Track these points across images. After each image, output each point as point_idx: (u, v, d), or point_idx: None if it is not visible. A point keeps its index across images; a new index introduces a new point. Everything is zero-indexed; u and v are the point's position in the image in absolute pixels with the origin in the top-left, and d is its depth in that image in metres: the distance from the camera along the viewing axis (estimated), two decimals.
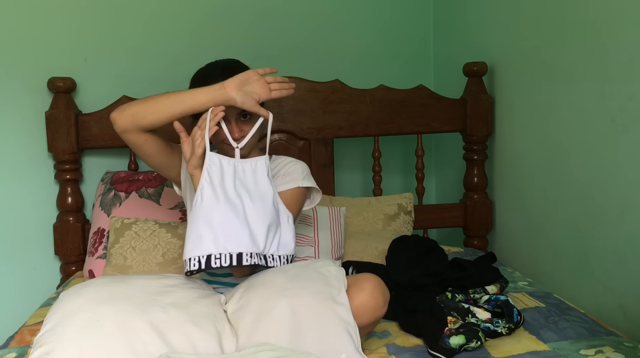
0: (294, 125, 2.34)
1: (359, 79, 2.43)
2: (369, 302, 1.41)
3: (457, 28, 2.59)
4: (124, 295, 1.41)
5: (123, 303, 1.38)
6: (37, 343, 1.33)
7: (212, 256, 1.44)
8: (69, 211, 2.26)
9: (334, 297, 1.39)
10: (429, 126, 2.39)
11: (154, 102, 1.55)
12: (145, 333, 1.32)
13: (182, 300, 1.44)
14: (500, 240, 2.38)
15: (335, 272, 1.47)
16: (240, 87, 1.53)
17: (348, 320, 1.37)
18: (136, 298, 1.41)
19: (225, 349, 1.38)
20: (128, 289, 1.44)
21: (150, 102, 1.55)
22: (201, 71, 1.68)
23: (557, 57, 1.95)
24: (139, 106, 1.55)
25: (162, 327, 1.34)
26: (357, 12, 2.63)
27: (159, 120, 1.54)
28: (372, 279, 1.45)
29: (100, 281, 1.51)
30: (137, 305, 1.38)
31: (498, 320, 1.55)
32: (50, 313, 1.40)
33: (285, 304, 1.38)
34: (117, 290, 1.43)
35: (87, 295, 1.41)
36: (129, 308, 1.37)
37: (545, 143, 2.05)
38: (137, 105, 1.56)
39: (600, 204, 1.79)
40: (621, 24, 1.67)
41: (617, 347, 1.44)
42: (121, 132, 1.57)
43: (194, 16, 2.47)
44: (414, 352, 1.47)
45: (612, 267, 1.75)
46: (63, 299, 1.43)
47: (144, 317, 1.35)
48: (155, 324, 1.34)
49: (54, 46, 2.33)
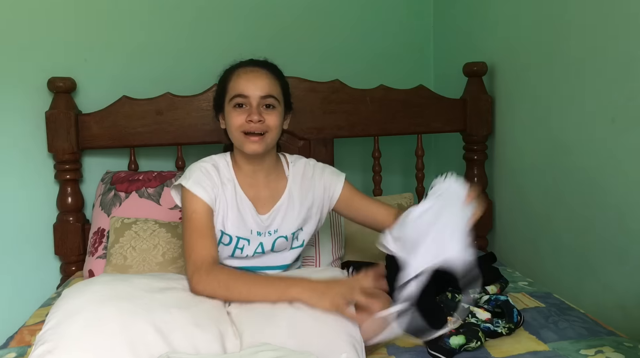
0: (294, 125, 2.31)
1: (359, 79, 2.43)
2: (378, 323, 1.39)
3: (457, 28, 2.59)
4: (127, 294, 1.40)
5: (126, 303, 1.37)
6: (39, 340, 1.32)
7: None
8: (69, 211, 2.26)
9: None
10: (429, 126, 2.39)
11: (233, 292, 1.46)
12: (147, 333, 1.32)
13: (185, 301, 1.44)
14: (500, 240, 2.38)
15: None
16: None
17: (355, 336, 1.36)
18: (139, 298, 1.40)
19: (228, 350, 1.37)
20: (131, 289, 1.43)
21: (229, 290, 1.47)
22: (235, 63, 1.68)
23: (557, 57, 1.95)
24: (217, 292, 1.47)
25: (165, 328, 1.33)
26: (357, 12, 2.63)
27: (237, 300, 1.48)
28: (380, 298, 1.43)
29: (103, 279, 1.50)
30: (139, 305, 1.37)
31: (498, 320, 1.55)
32: (52, 311, 1.39)
33: (291, 312, 1.37)
34: (120, 290, 1.42)
35: (89, 294, 1.40)
36: (132, 308, 1.36)
37: (545, 143, 2.05)
38: (213, 290, 1.47)
39: (601, 203, 1.79)
40: (621, 24, 1.67)
41: (617, 347, 1.44)
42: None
43: (194, 16, 2.47)
44: (413, 352, 1.47)
45: (612, 267, 1.75)
46: (66, 297, 1.42)
47: (146, 318, 1.34)
48: (157, 325, 1.34)
49: (54, 46, 2.33)
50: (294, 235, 1.70)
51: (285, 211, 1.68)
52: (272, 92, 1.61)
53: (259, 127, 1.58)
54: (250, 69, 1.63)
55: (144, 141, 2.27)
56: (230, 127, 1.62)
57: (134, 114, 2.24)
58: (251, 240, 1.65)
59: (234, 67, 1.66)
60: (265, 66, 1.65)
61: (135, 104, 2.25)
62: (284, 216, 1.68)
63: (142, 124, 2.25)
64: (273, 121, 1.60)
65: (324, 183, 1.73)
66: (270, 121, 1.59)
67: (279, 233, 1.68)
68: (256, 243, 1.66)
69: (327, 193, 1.73)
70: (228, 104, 1.62)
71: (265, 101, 1.59)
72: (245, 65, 1.64)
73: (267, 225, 1.66)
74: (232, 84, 1.62)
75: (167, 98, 2.26)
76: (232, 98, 1.60)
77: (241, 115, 1.59)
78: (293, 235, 1.70)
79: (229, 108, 1.61)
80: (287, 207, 1.68)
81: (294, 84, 2.32)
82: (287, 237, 1.69)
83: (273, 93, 1.61)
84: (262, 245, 1.66)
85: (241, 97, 1.59)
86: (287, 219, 1.68)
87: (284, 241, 1.68)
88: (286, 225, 1.68)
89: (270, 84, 1.61)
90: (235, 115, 1.59)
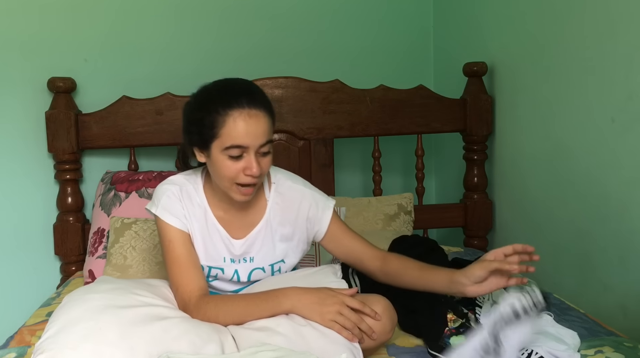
0: (294, 125, 2.34)
1: (359, 79, 2.43)
2: (376, 327, 1.38)
3: (457, 28, 2.59)
4: (127, 303, 1.40)
5: (125, 312, 1.36)
6: (37, 349, 1.32)
7: None
8: (69, 211, 2.26)
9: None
10: (429, 126, 2.39)
11: (230, 317, 1.43)
12: (147, 342, 1.31)
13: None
14: (500, 240, 2.38)
15: (338, 287, 1.46)
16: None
17: (353, 342, 1.35)
18: (138, 306, 1.40)
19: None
20: (131, 297, 1.42)
21: (230, 318, 1.43)
22: (221, 90, 1.48)
23: (557, 57, 1.95)
24: (215, 317, 1.43)
25: (165, 337, 1.33)
26: (357, 12, 2.63)
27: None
28: (381, 302, 1.42)
29: (103, 287, 1.48)
30: (139, 313, 1.37)
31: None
32: (52, 319, 1.39)
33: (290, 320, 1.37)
34: (120, 298, 1.41)
35: (90, 302, 1.40)
36: (132, 317, 1.35)
37: (545, 143, 2.05)
38: (213, 316, 1.43)
39: (601, 204, 1.79)
40: (621, 23, 1.67)
41: (617, 347, 1.44)
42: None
43: (194, 16, 2.47)
44: (413, 352, 1.47)
45: (612, 267, 1.75)
46: (66, 306, 1.41)
47: (146, 327, 1.34)
48: (157, 333, 1.33)
49: (54, 46, 2.33)
50: (273, 268, 1.59)
51: (263, 239, 1.56)
52: (270, 136, 1.44)
53: (255, 180, 1.44)
54: (248, 112, 1.40)
55: (143, 141, 2.27)
56: (220, 176, 1.45)
57: (134, 114, 2.24)
58: (225, 268, 1.57)
59: (225, 106, 1.41)
60: (263, 104, 1.44)
61: (135, 104, 2.25)
62: (262, 245, 1.56)
63: (142, 124, 2.25)
64: (268, 165, 1.47)
65: (307, 216, 1.57)
66: (265, 166, 1.45)
67: (255, 263, 1.57)
68: (231, 270, 1.57)
69: (311, 227, 1.58)
70: (219, 151, 1.42)
71: (263, 148, 1.43)
72: (241, 105, 1.40)
73: (242, 252, 1.56)
74: (227, 131, 1.39)
75: (167, 98, 2.26)
76: (228, 148, 1.40)
77: (237, 165, 1.42)
78: (272, 268, 1.59)
79: (220, 156, 1.42)
80: (265, 235, 1.56)
81: (294, 84, 2.34)
82: (264, 269, 1.58)
83: (270, 137, 1.44)
84: (237, 273, 1.57)
85: (239, 148, 1.40)
86: (265, 249, 1.57)
87: (261, 273, 1.58)
88: (263, 256, 1.57)
89: (269, 128, 1.44)
90: (230, 165, 1.42)
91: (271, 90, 2.27)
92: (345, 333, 1.34)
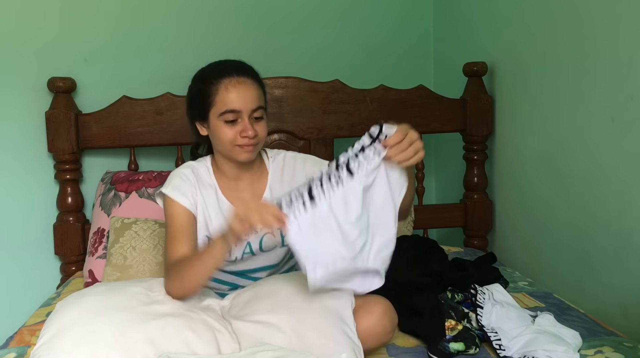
0: (294, 125, 2.34)
1: (359, 79, 2.43)
2: (376, 327, 1.40)
3: (457, 28, 2.59)
4: (121, 304, 1.40)
5: (120, 313, 1.37)
6: (33, 356, 1.33)
7: None
8: (69, 211, 2.26)
9: (341, 315, 1.38)
10: (429, 126, 2.39)
11: (187, 280, 1.46)
12: (142, 343, 1.32)
13: (180, 308, 1.44)
14: (500, 240, 2.38)
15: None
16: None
17: (354, 340, 1.36)
18: (133, 307, 1.40)
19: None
20: (125, 298, 1.43)
21: (183, 280, 1.46)
22: (213, 65, 1.63)
23: (557, 57, 1.95)
24: (179, 287, 1.47)
25: (160, 336, 1.34)
26: (357, 12, 2.63)
27: (199, 286, 1.49)
28: (381, 303, 1.43)
29: (97, 290, 1.50)
30: (134, 314, 1.38)
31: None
32: (46, 325, 1.40)
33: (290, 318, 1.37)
34: (113, 300, 1.42)
35: (83, 305, 1.41)
36: (126, 317, 1.36)
37: (545, 143, 2.05)
38: (176, 286, 1.47)
39: (601, 204, 1.79)
40: (621, 24, 1.67)
41: (617, 347, 1.44)
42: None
43: (194, 16, 2.47)
44: (413, 353, 1.47)
45: (612, 267, 1.75)
46: (59, 311, 1.42)
47: (141, 327, 1.34)
48: (152, 334, 1.34)
49: (54, 46, 2.33)
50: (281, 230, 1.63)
51: None
52: (261, 103, 1.58)
53: (252, 141, 1.55)
54: (237, 79, 1.55)
55: (143, 141, 2.27)
56: (221, 141, 1.57)
57: (134, 114, 2.24)
58: None
59: (217, 76, 1.57)
60: (251, 74, 1.59)
61: (135, 104, 2.25)
62: None
63: (142, 124, 2.25)
64: (263, 131, 1.58)
65: (306, 174, 1.65)
66: (260, 131, 1.57)
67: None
68: (243, 243, 1.63)
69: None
70: (216, 118, 1.56)
71: (255, 113, 1.56)
72: (230, 74, 1.56)
73: None
74: (220, 98, 1.54)
75: (167, 98, 2.26)
76: (223, 113, 1.54)
77: (233, 129, 1.55)
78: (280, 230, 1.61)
79: (218, 122, 1.56)
80: (271, 201, 1.60)
81: (294, 84, 2.34)
82: (272, 232, 1.61)
83: (262, 104, 1.58)
84: (249, 245, 1.63)
85: (233, 113, 1.54)
86: None
87: (272, 238, 1.64)
88: None
89: (259, 95, 1.58)
90: (228, 130, 1.55)
91: (271, 90, 2.27)
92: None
